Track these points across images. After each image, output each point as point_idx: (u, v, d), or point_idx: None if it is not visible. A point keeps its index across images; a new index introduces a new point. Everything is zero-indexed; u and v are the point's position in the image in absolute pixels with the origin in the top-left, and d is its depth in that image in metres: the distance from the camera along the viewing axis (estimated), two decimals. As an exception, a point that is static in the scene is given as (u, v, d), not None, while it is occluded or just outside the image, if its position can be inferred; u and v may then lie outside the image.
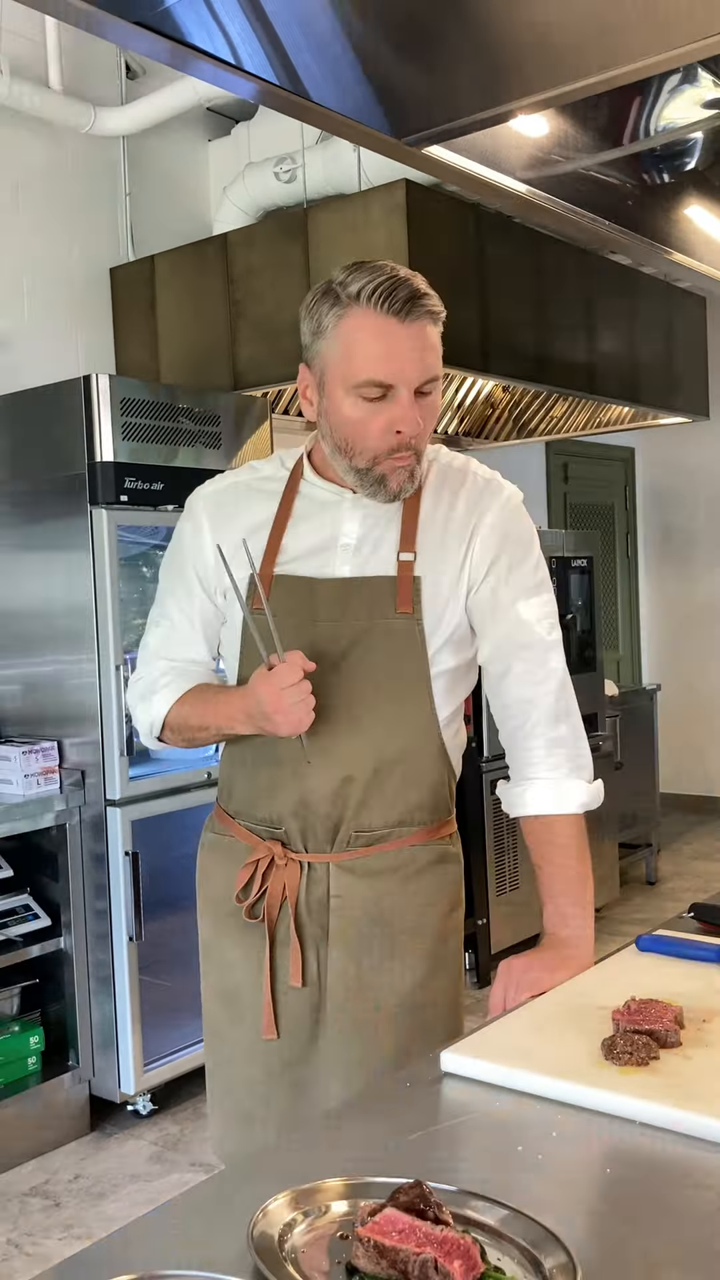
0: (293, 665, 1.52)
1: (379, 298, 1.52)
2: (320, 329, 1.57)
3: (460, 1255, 0.91)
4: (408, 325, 1.53)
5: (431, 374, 1.57)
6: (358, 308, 1.53)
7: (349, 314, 1.54)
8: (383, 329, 1.53)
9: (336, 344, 1.55)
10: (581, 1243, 0.94)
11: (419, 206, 3.73)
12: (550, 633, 1.71)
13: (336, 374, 1.56)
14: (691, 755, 7.15)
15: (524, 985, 1.54)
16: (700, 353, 5.66)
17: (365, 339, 1.53)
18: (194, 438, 3.50)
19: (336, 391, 1.57)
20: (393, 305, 1.52)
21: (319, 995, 1.68)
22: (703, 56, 1.55)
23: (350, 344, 1.54)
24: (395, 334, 1.53)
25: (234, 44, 1.40)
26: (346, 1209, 1.02)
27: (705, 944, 1.61)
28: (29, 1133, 3.22)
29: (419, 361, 1.54)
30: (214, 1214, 1.03)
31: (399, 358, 1.53)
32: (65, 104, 3.95)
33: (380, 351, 1.53)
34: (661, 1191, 1.05)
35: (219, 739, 1.71)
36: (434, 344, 1.57)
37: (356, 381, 1.54)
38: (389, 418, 1.55)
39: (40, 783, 3.27)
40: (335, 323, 1.55)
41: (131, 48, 1.42)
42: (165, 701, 1.73)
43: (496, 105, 1.66)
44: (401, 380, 1.54)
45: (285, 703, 1.52)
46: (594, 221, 2.21)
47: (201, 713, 1.69)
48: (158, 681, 1.75)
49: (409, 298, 1.53)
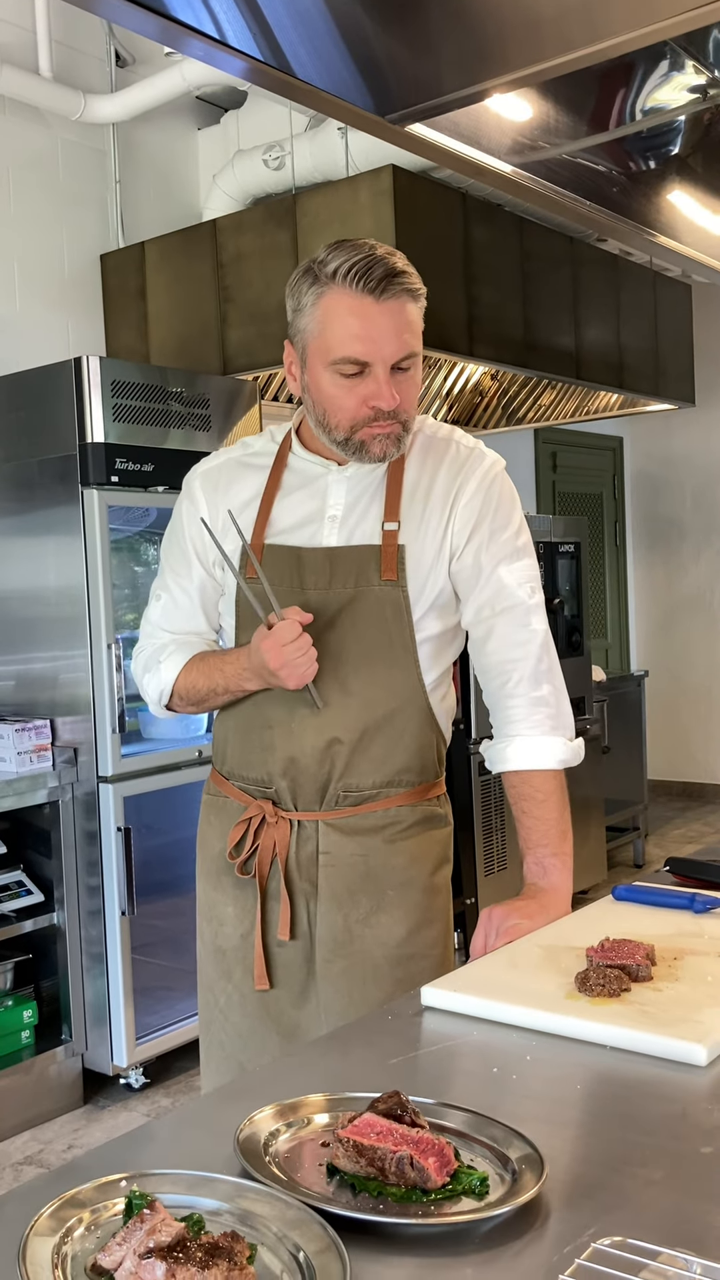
0: (290, 623, 1.58)
1: (355, 276, 1.56)
2: (300, 306, 1.62)
3: (435, 1153, 0.96)
4: (383, 303, 1.57)
5: (408, 351, 1.60)
6: (334, 286, 1.58)
7: (326, 292, 1.59)
8: (358, 308, 1.57)
9: (315, 322, 1.60)
10: (550, 1145, 0.99)
11: (406, 192, 3.77)
12: (532, 596, 1.75)
13: (315, 350, 1.61)
14: (679, 741, 7.22)
15: (504, 931, 1.59)
16: (685, 340, 5.71)
17: (341, 317, 1.58)
18: (184, 420, 3.55)
19: (316, 367, 1.62)
20: (368, 284, 1.56)
21: (309, 948, 1.73)
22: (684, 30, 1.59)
23: (327, 322, 1.59)
24: (370, 313, 1.57)
25: (219, 20, 1.44)
26: (328, 1121, 1.07)
27: (678, 892, 1.66)
28: (23, 1105, 3.27)
29: (395, 339, 1.58)
30: (203, 1125, 1.08)
31: (374, 336, 1.57)
32: (55, 91, 3.98)
33: (355, 330, 1.57)
34: (629, 1104, 1.10)
35: (229, 699, 1.76)
36: (411, 321, 1.61)
37: (333, 359, 1.59)
38: (364, 394, 1.60)
39: (33, 760, 3.31)
40: (314, 301, 1.60)
41: (121, 23, 1.46)
42: (172, 669, 1.79)
43: (479, 82, 1.70)
44: (377, 358, 1.58)
45: (287, 657, 1.58)
46: (578, 203, 2.25)
47: (210, 675, 1.75)
48: (162, 651, 1.81)
49: (384, 276, 1.57)
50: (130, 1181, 0.94)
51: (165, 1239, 0.83)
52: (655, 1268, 0.81)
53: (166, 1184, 0.95)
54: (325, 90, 1.67)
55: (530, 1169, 0.96)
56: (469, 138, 1.90)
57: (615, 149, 2.12)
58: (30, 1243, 0.86)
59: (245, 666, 1.67)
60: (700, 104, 2.12)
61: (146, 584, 3.46)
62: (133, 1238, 0.84)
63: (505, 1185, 0.95)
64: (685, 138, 2.30)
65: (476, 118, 1.85)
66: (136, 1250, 0.83)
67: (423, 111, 1.78)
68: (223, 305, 4.12)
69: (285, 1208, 0.91)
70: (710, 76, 1.99)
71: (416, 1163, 0.95)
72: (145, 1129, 1.10)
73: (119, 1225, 0.88)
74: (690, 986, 1.33)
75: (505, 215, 4.38)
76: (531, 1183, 0.93)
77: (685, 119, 2.22)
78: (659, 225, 2.48)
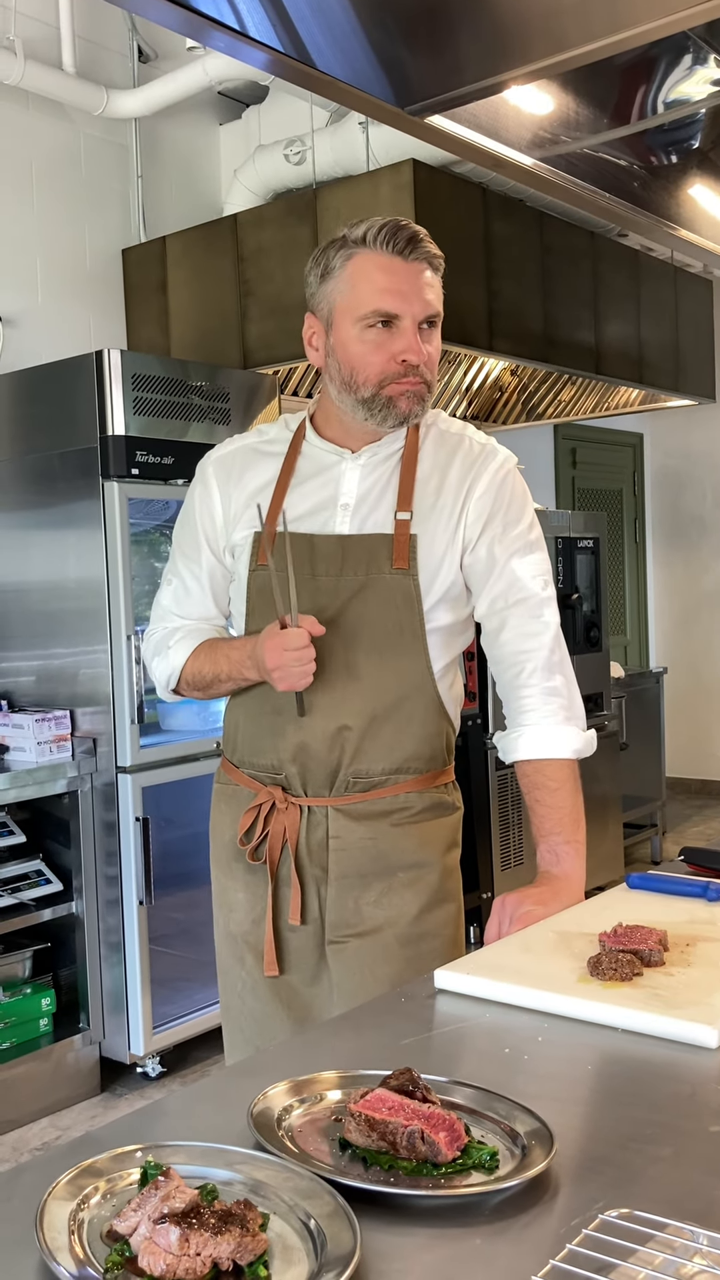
0: (301, 632, 1.60)
1: (384, 237, 1.65)
2: (328, 271, 1.69)
3: (446, 1128, 0.97)
4: (410, 263, 1.66)
5: (433, 310, 1.68)
6: (364, 249, 1.66)
7: (356, 254, 1.66)
8: (387, 265, 1.65)
9: (343, 282, 1.67)
10: (560, 1122, 1.00)
11: (426, 186, 3.78)
12: (545, 589, 1.77)
13: (344, 309, 1.67)
14: (698, 739, 7.20)
15: (518, 918, 1.60)
16: (706, 336, 5.70)
17: (370, 274, 1.65)
18: (204, 413, 3.56)
19: (344, 325, 1.67)
20: (396, 244, 1.65)
21: (320, 932, 1.75)
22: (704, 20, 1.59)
23: (356, 280, 1.66)
24: (399, 269, 1.65)
25: (240, 12, 1.46)
26: (341, 1097, 1.08)
27: (692, 880, 1.67)
28: (41, 1092, 3.30)
29: (421, 296, 1.66)
30: (216, 1101, 1.10)
31: (403, 290, 1.65)
32: (78, 87, 4.01)
33: (385, 284, 1.65)
34: (638, 1084, 1.11)
35: (233, 686, 1.78)
36: (435, 285, 1.69)
37: (363, 313, 1.65)
38: (394, 348, 1.66)
39: (52, 750, 3.34)
40: (343, 263, 1.67)
41: (145, 15, 1.48)
42: (181, 654, 1.81)
43: (498, 73, 1.71)
44: (406, 311, 1.65)
45: (285, 662, 1.61)
46: (598, 195, 2.26)
47: (215, 661, 1.77)
48: (172, 636, 1.84)
49: (411, 238, 1.66)
50: (145, 1152, 0.96)
51: (179, 1205, 0.85)
52: (662, 1239, 0.82)
53: (180, 1155, 0.97)
54: (346, 82, 1.69)
55: (540, 1144, 0.97)
56: (489, 130, 1.91)
57: (636, 143, 2.13)
58: (48, 1208, 0.88)
59: (248, 655, 1.69)
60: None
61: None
62: (147, 1204, 0.86)
63: (515, 1160, 0.96)
64: (706, 132, 2.30)
65: (496, 110, 1.86)
66: (151, 1216, 0.84)
67: (442, 103, 1.80)
68: (243, 299, 4.14)
69: (297, 1178, 0.93)
70: (731, 69, 1.99)
71: (427, 1137, 0.96)
72: (160, 1104, 1.12)
73: (134, 1193, 0.90)
74: (702, 972, 1.34)
75: (526, 210, 4.38)
76: (541, 1157, 0.95)
77: (706, 112, 2.22)
78: (680, 219, 2.48)
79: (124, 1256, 0.84)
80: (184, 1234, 0.82)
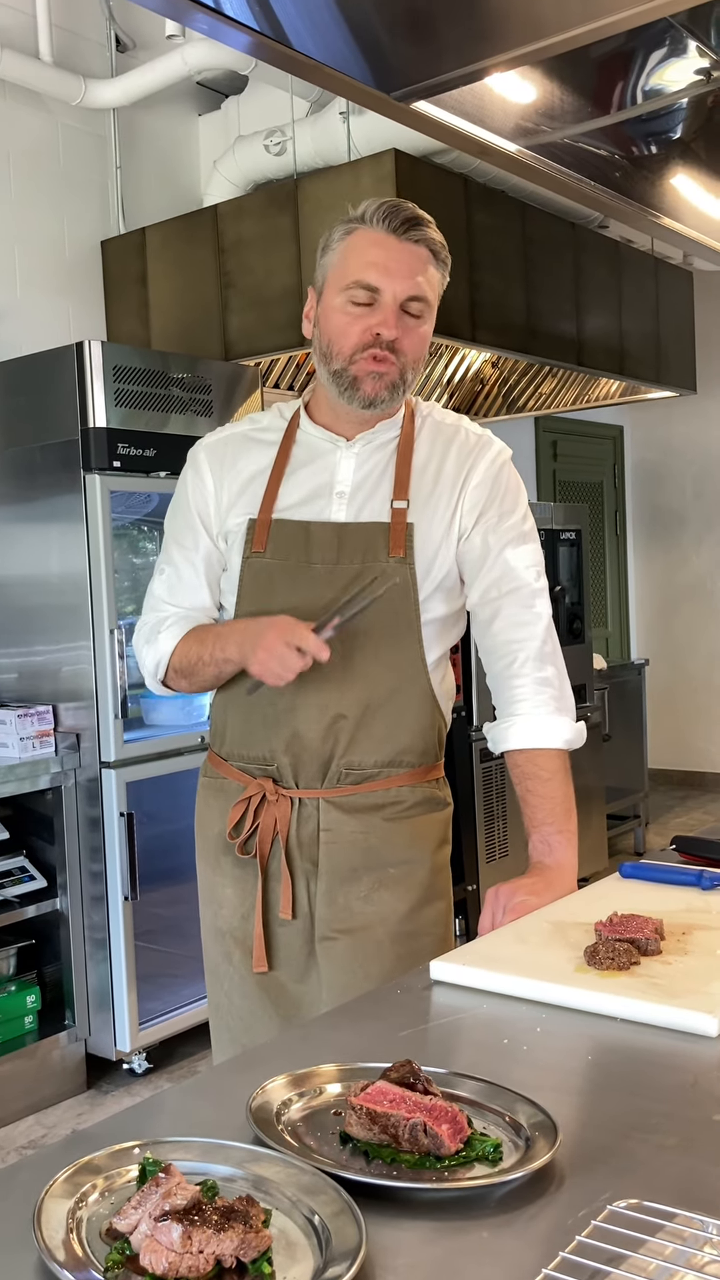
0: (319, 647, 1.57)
1: (381, 214, 1.66)
2: (328, 245, 1.71)
3: (448, 1120, 0.96)
4: (404, 242, 1.66)
5: (419, 291, 1.66)
6: (363, 225, 1.68)
7: (355, 230, 1.68)
8: (380, 240, 1.66)
9: (338, 255, 1.68)
10: (562, 1113, 0.99)
11: (408, 176, 3.76)
12: (537, 579, 1.77)
13: (333, 280, 1.68)
14: (679, 730, 7.22)
15: (511, 909, 1.58)
16: (687, 327, 5.70)
17: (362, 248, 1.67)
18: (186, 405, 3.54)
19: (330, 294, 1.68)
20: (392, 223, 1.65)
21: (310, 927, 1.73)
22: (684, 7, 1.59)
23: (349, 253, 1.67)
24: (390, 246, 1.65)
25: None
26: (340, 1090, 1.07)
27: (685, 869, 1.66)
28: (26, 1089, 3.28)
29: (408, 276, 1.65)
30: (213, 1096, 1.08)
31: (389, 267, 1.65)
32: (55, 76, 3.96)
33: (372, 258, 1.65)
34: (639, 1073, 1.10)
35: (213, 670, 1.74)
36: (428, 270, 1.68)
37: (347, 282, 1.66)
38: (370, 322, 1.65)
39: (35, 745, 3.31)
40: (341, 237, 1.69)
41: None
42: (169, 640, 1.78)
43: (481, 59, 1.70)
44: (388, 286, 1.64)
45: (277, 651, 1.58)
46: (582, 183, 2.25)
47: (201, 642, 1.74)
48: (163, 624, 1.80)
49: (409, 219, 1.66)
50: (144, 1149, 0.95)
51: (181, 1202, 0.83)
52: (671, 1229, 0.81)
53: (179, 1151, 0.95)
54: (329, 65, 1.67)
55: (543, 1135, 0.96)
56: (473, 117, 1.90)
57: (619, 133, 2.12)
58: (45, 1207, 0.86)
59: (241, 629, 1.66)
60: (703, 86, 2.12)
61: (146, 573, 3.46)
62: (148, 1201, 0.84)
63: (519, 1152, 0.95)
64: (688, 122, 2.29)
65: (480, 97, 1.85)
66: (152, 1214, 0.83)
67: (426, 89, 1.78)
68: (224, 291, 4.11)
69: (299, 1173, 0.91)
70: (713, 59, 1.99)
71: (430, 1129, 0.94)
72: (156, 1099, 1.10)
73: (133, 1191, 0.88)
74: (699, 960, 1.33)
75: (507, 200, 4.37)
76: (545, 1148, 0.93)
77: (688, 103, 2.21)
78: (662, 208, 2.47)
79: (124, 1255, 0.82)
80: (186, 1231, 0.80)
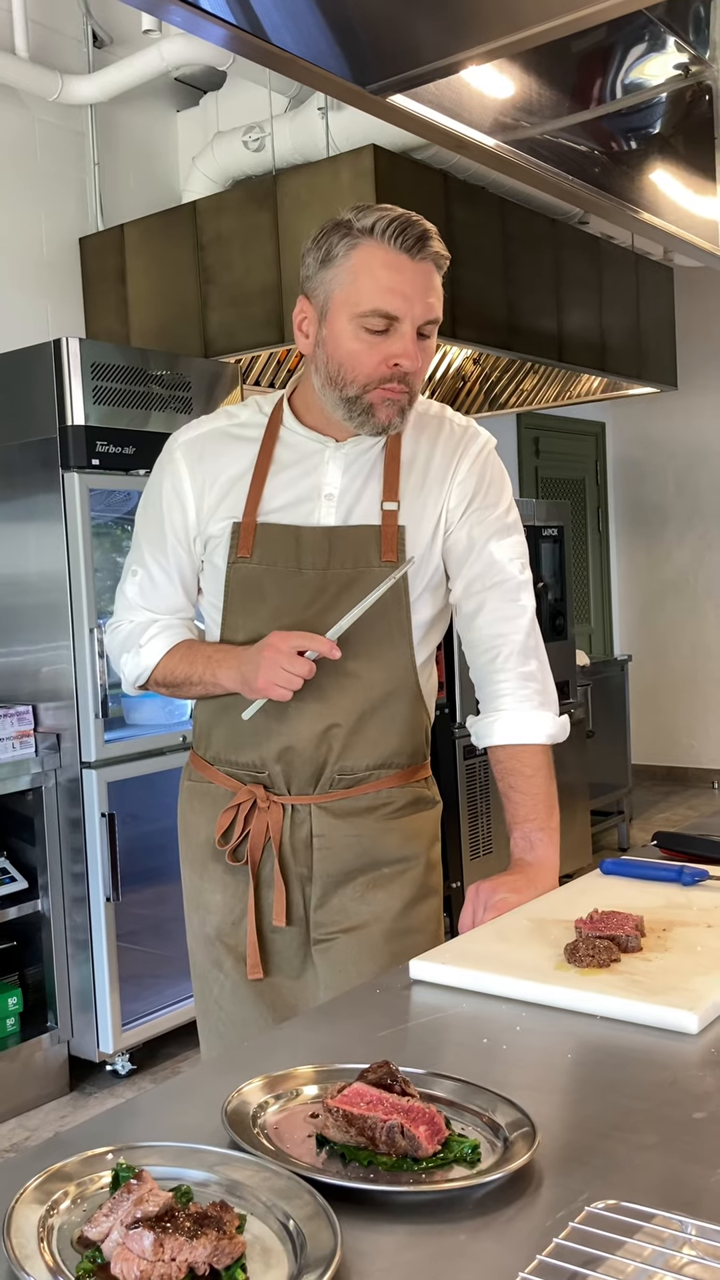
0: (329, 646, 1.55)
1: (394, 231, 1.54)
2: (330, 258, 1.58)
3: (425, 1122, 0.95)
4: (417, 263, 1.56)
5: (434, 315, 1.59)
6: (371, 240, 1.55)
7: (362, 245, 1.56)
8: (394, 262, 1.55)
9: (345, 272, 1.57)
10: (541, 1112, 0.98)
11: (387, 172, 3.75)
12: (522, 572, 1.75)
13: (342, 302, 1.57)
14: (662, 726, 7.24)
15: (492, 906, 1.57)
16: (668, 323, 5.71)
17: (375, 270, 1.55)
18: (165, 402, 3.52)
19: (339, 320, 1.58)
20: (405, 241, 1.54)
21: (305, 932, 1.71)
22: (658, -1, 1.58)
23: (360, 273, 1.56)
24: (405, 269, 1.55)
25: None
26: (317, 1093, 1.06)
27: (666, 865, 1.65)
28: (9, 1092, 3.25)
29: (424, 299, 1.57)
30: (189, 1099, 1.07)
31: (407, 293, 1.55)
32: (31, 72, 3.94)
33: (389, 283, 1.55)
34: (619, 1072, 1.09)
35: (201, 692, 1.71)
36: (437, 288, 1.60)
37: (362, 310, 1.56)
38: (389, 351, 1.57)
39: (15, 746, 3.29)
40: (347, 252, 1.56)
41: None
42: (154, 654, 1.74)
43: (458, 51, 1.69)
44: (407, 315, 1.56)
45: (280, 663, 1.54)
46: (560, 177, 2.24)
47: (191, 663, 1.70)
48: (144, 632, 1.75)
49: (421, 236, 1.56)
50: (116, 1154, 0.93)
51: (153, 1209, 0.82)
52: (650, 1230, 0.80)
53: (153, 1156, 0.94)
54: (304, 59, 1.65)
55: (522, 1136, 0.95)
56: (451, 111, 1.88)
57: (598, 128, 2.11)
58: (15, 1216, 0.85)
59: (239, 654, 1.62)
60: (681, 81, 2.11)
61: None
62: (119, 1209, 0.83)
63: (497, 1153, 0.94)
64: (667, 118, 2.29)
65: (458, 91, 1.84)
66: (123, 1221, 0.82)
67: (403, 82, 1.76)
68: (203, 288, 4.09)
69: (274, 1177, 0.90)
70: (691, 54, 1.98)
71: (407, 1131, 0.93)
72: (131, 1103, 1.09)
73: (105, 1197, 0.87)
74: (680, 957, 1.33)
75: (487, 196, 4.36)
76: (523, 1149, 0.92)
77: (667, 99, 2.21)
78: (642, 203, 2.47)
79: (96, 1264, 0.81)
80: (158, 1239, 0.79)
